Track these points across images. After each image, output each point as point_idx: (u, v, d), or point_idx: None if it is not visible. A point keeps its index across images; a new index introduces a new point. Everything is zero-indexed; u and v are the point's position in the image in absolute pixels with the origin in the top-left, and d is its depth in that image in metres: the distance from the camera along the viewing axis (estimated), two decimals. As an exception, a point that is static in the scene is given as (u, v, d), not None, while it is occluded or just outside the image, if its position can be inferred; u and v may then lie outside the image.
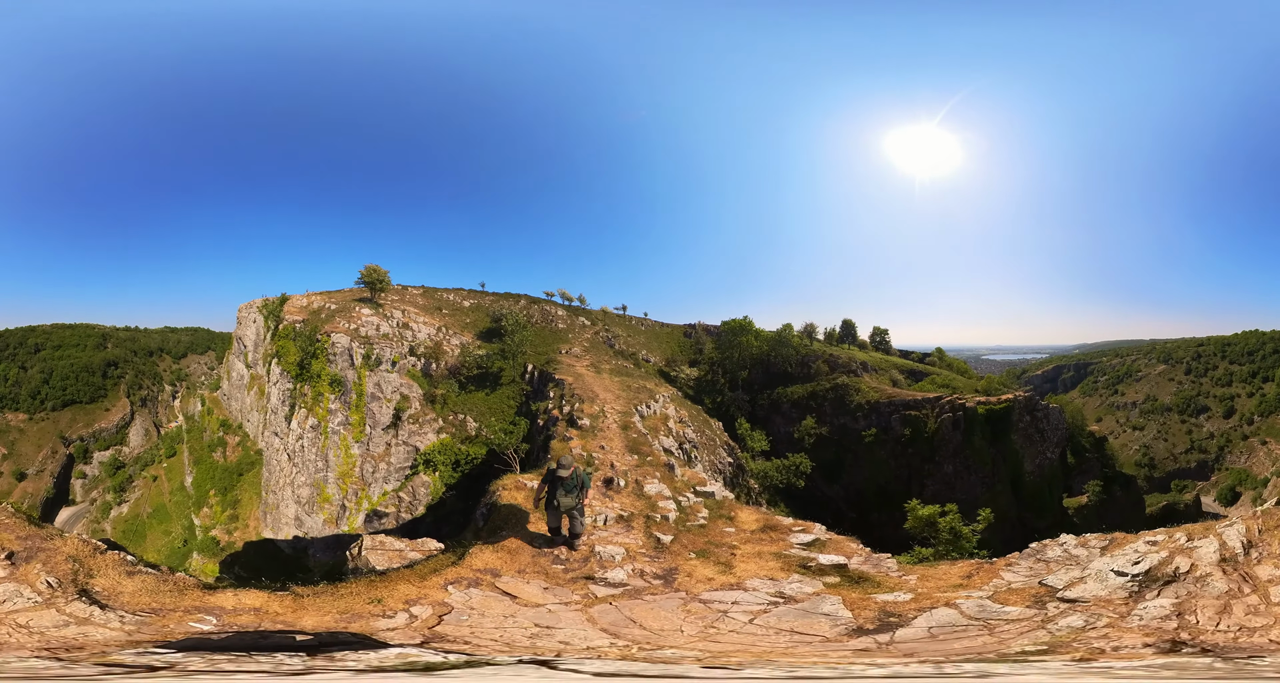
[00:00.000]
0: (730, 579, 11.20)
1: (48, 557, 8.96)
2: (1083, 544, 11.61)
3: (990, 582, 10.29)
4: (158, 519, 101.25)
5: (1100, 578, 8.92)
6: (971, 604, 8.86)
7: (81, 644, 6.04)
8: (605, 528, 14.07)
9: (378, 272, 55.70)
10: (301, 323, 55.02)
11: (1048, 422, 74.24)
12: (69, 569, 8.75)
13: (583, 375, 42.43)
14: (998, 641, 7.49)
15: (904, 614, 8.81)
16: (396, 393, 47.50)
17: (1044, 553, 11.94)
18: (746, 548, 13.10)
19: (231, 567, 61.26)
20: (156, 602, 8.52)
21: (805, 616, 9.03)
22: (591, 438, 22.54)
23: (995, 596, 9.40)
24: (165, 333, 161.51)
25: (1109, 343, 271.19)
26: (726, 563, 12.16)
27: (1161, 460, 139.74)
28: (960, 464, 67.77)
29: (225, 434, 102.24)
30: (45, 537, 9.74)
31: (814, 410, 66.98)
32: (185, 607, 8.47)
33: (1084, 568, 9.54)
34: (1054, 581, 9.40)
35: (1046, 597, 8.93)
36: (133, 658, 5.55)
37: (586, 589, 11.02)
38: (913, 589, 10.21)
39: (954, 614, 8.62)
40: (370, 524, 48.50)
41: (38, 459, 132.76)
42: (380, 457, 46.61)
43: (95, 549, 10.09)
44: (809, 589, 10.14)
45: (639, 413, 30.93)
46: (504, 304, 65.28)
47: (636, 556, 12.53)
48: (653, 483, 17.00)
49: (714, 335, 75.01)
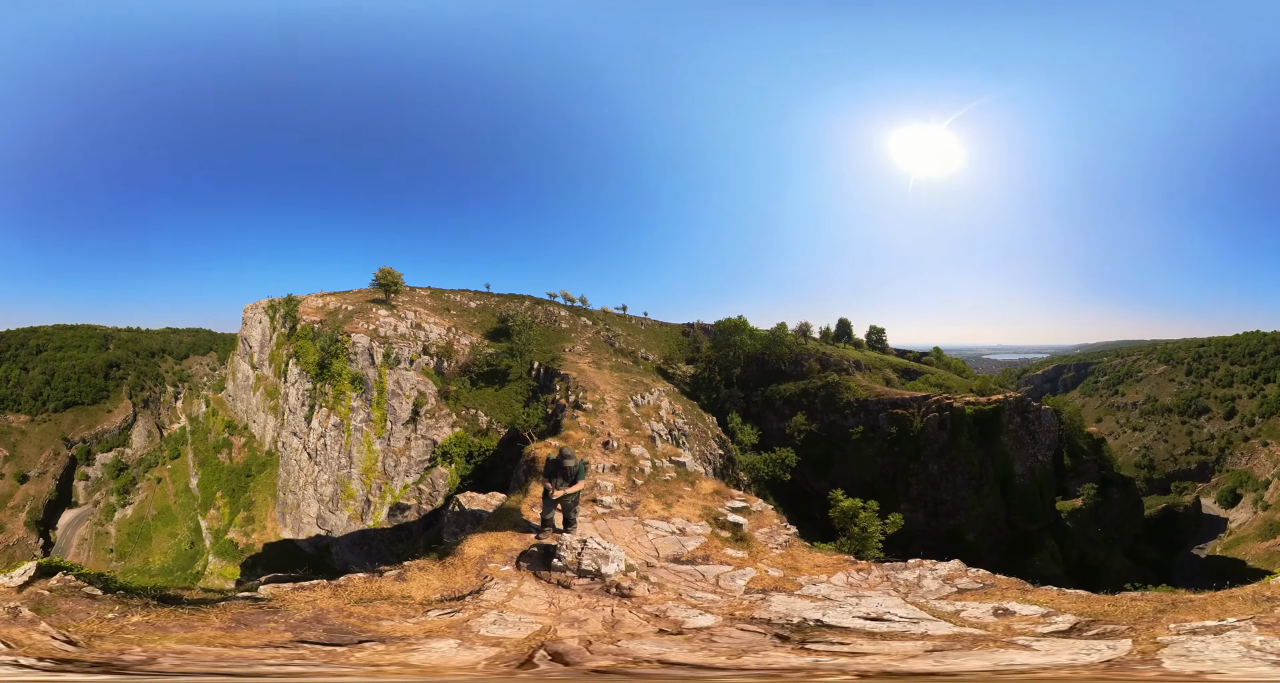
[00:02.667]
0: (665, 514, 16.97)
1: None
2: (945, 578, 10.67)
3: (831, 577, 11.18)
4: (163, 522, 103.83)
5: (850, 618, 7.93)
6: (769, 579, 12.55)
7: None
8: (602, 474, 19.88)
9: (392, 274, 61.34)
10: (320, 323, 60.66)
11: (1039, 423, 76.53)
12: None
13: (585, 371, 48.15)
14: (729, 603, 8.98)
15: (729, 564, 13.24)
16: (414, 390, 53.21)
17: (899, 574, 11.23)
18: (688, 500, 18.79)
19: (253, 569, 64.40)
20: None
21: (680, 539, 14.60)
22: (594, 417, 28.25)
23: (797, 589, 10.40)
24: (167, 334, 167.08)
25: (1110, 343, 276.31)
26: (669, 506, 17.93)
27: (1161, 462, 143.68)
28: (945, 464, 70.14)
29: (231, 435, 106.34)
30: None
31: (805, 407, 71.87)
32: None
33: (884, 597, 8.71)
34: (857, 602, 8.78)
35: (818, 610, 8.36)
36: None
37: (591, 508, 16.87)
38: (771, 562, 13.78)
39: (737, 573, 12.15)
40: (393, 517, 53.40)
41: (40, 461, 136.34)
42: (401, 451, 52.19)
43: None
44: (700, 531, 15.54)
45: (634, 402, 36.70)
46: (509, 305, 71.07)
47: (620, 490, 18.39)
48: (638, 448, 22.83)
49: (711, 334, 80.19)
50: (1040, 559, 70.71)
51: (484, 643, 6.76)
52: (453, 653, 6.31)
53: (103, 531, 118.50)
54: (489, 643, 6.78)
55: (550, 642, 6.75)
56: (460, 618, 7.76)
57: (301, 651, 6.09)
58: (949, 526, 69.95)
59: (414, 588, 8.99)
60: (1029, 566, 68.51)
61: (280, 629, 6.66)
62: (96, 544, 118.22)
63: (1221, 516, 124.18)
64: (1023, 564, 68.54)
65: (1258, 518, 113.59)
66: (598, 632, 7.43)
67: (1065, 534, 78.83)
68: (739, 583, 10.23)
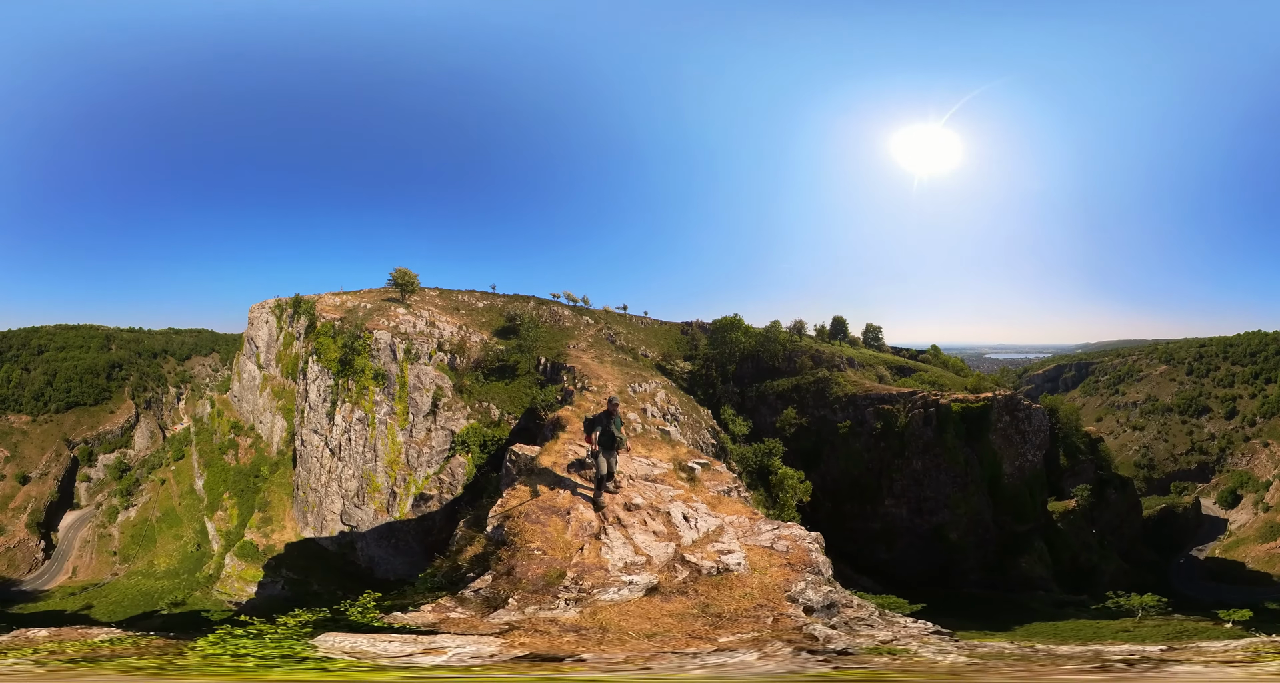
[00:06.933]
0: (646, 455, 24.28)
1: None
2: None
3: (743, 532, 14.47)
4: (168, 523, 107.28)
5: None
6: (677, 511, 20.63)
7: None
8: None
9: (408, 274, 68.67)
10: (340, 321, 67.83)
11: (1029, 422, 78.42)
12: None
13: (589, 364, 55.59)
14: (655, 497, 18.43)
15: (675, 488, 21.25)
16: (433, 384, 60.55)
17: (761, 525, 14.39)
18: (663, 448, 26.16)
19: (277, 569, 69.07)
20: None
21: (651, 469, 21.86)
22: (598, 397, 35.64)
23: (693, 506, 15.55)
24: (169, 334, 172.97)
25: (1111, 343, 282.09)
26: (649, 450, 25.33)
27: (1161, 462, 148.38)
28: (930, 461, 73.52)
29: (237, 436, 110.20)
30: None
31: (796, 402, 77.84)
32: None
33: (732, 532, 12.28)
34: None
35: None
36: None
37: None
38: (700, 496, 22.19)
39: (672, 491, 20.16)
40: (417, 508, 59.09)
41: (41, 462, 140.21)
42: (422, 441, 59.32)
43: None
44: (666, 467, 22.64)
45: (632, 389, 44.25)
46: (515, 305, 78.46)
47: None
48: (632, 415, 30.24)
49: (708, 332, 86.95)
50: (1028, 561, 73.21)
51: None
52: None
53: (105, 532, 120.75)
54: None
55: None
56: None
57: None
58: (932, 523, 74.01)
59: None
60: (1014, 567, 71.85)
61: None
62: (99, 546, 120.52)
63: (1221, 517, 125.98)
64: (1009, 566, 72.03)
65: (1258, 519, 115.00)
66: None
67: (1056, 536, 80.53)
68: (667, 494, 17.59)
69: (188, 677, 6.01)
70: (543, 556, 10.41)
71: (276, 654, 6.53)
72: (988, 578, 71.26)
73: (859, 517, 76.06)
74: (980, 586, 69.93)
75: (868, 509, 76.04)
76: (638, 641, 7.82)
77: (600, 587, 9.44)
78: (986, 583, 70.20)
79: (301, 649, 6.78)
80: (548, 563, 10.16)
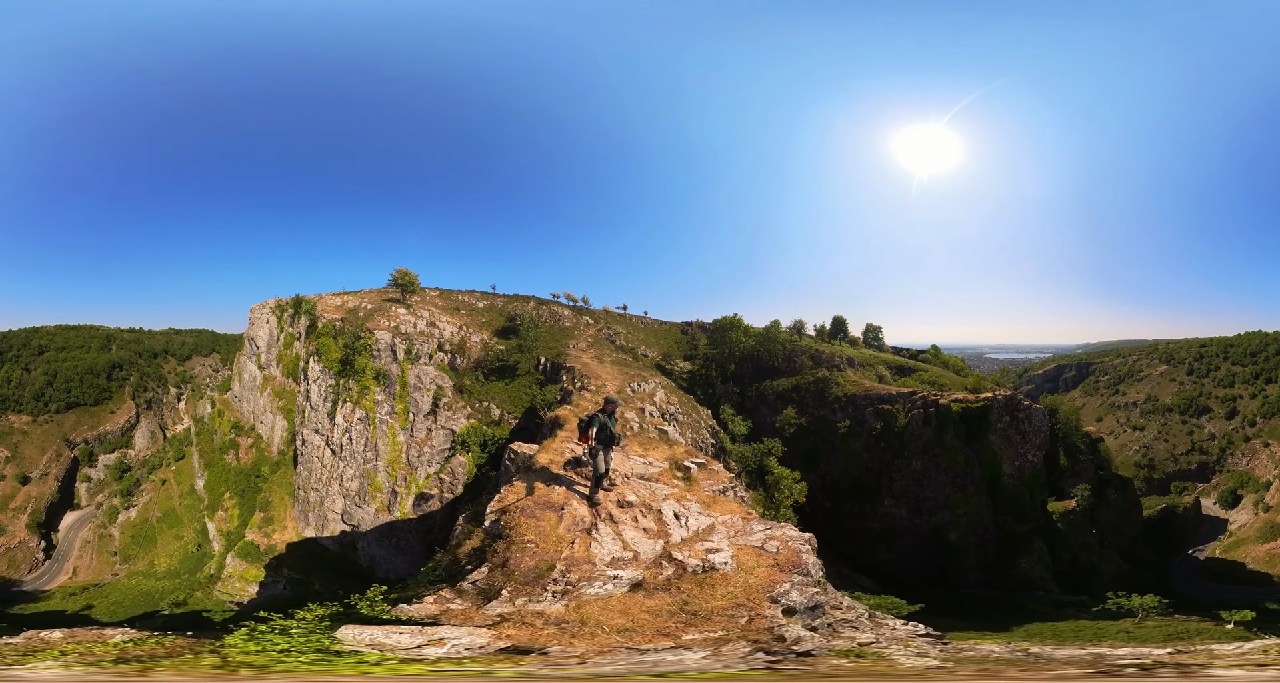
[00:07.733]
0: (643, 454, 24.74)
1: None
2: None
3: (734, 531, 14.36)
4: (168, 523, 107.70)
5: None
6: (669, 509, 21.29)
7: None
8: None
9: (409, 275, 69.17)
10: (341, 321, 68.29)
11: (1029, 422, 78.25)
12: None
13: (589, 364, 56.04)
14: (649, 495, 19.41)
15: (670, 486, 21.51)
16: (433, 384, 61.00)
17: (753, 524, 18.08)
18: (661, 448, 26.60)
19: (278, 569, 69.65)
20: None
21: (648, 468, 22.29)
22: (597, 396, 36.06)
23: (685, 505, 16.42)
24: (170, 335, 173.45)
25: (1112, 343, 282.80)
26: (646, 449, 25.77)
27: (1161, 462, 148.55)
28: (929, 461, 73.47)
29: (238, 436, 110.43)
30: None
31: (796, 402, 78.21)
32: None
33: (723, 531, 13.26)
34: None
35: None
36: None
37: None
38: (694, 495, 22.83)
39: (666, 490, 20.50)
40: (418, 507, 59.41)
41: (41, 462, 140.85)
42: (423, 441, 59.79)
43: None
44: (662, 466, 23.17)
45: (631, 388, 44.68)
46: (515, 305, 78.87)
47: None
48: (631, 414, 30.69)
49: (708, 332, 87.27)
50: (1027, 562, 73.19)
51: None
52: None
53: (106, 533, 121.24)
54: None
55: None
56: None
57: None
58: (932, 523, 74.09)
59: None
60: (1014, 567, 71.81)
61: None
62: (99, 547, 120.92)
63: (1222, 517, 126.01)
64: (1008, 566, 72.00)
65: (1258, 520, 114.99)
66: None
67: (1056, 536, 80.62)
68: (661, 492, 18.01)
69: (270, 676, 6.01)
70: (535, 549, 10.81)
71: (311, 648, 6.74)
72: (987, 578, 71.53)
73: (859, 517, 76.44)
74: (980, 586, 70.21)
75: (867, 509, 76.37)
76: (608, 635, 8.12)
77: (586, 580, 9.82)
78: (986, 583, 70.46)
79: (329, 642, 7.00)
80: (539, 556, 10.56)
